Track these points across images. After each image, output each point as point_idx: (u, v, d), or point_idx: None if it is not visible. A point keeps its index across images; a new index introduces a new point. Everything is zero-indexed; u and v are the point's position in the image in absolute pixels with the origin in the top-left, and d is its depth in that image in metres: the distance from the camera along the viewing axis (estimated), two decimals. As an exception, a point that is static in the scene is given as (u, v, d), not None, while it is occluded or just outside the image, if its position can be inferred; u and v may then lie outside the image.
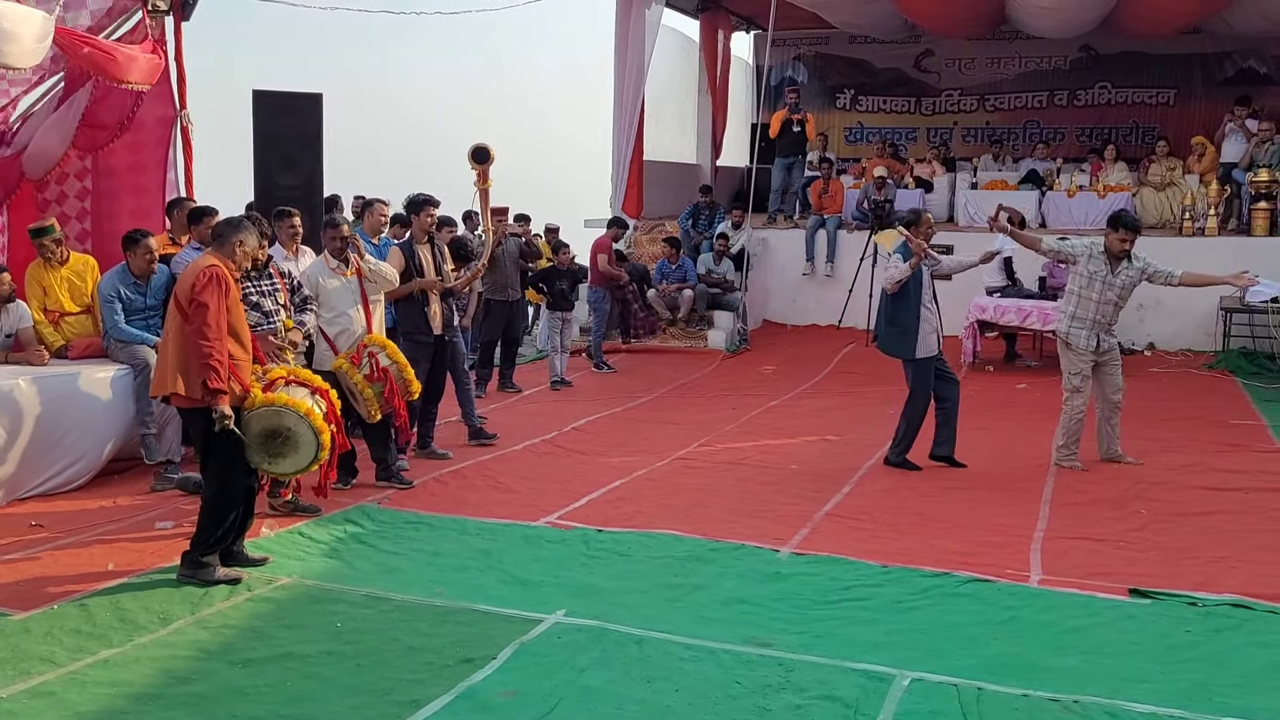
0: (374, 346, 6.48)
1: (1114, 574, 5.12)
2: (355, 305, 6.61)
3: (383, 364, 6.44)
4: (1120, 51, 16.99)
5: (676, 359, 12.18)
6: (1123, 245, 6.84)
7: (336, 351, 6.50)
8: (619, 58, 14.42)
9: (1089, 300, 6.95)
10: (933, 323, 7.15)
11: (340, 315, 6.56)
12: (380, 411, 6.49)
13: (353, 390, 6.41)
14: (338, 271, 6.60)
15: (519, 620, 4.54)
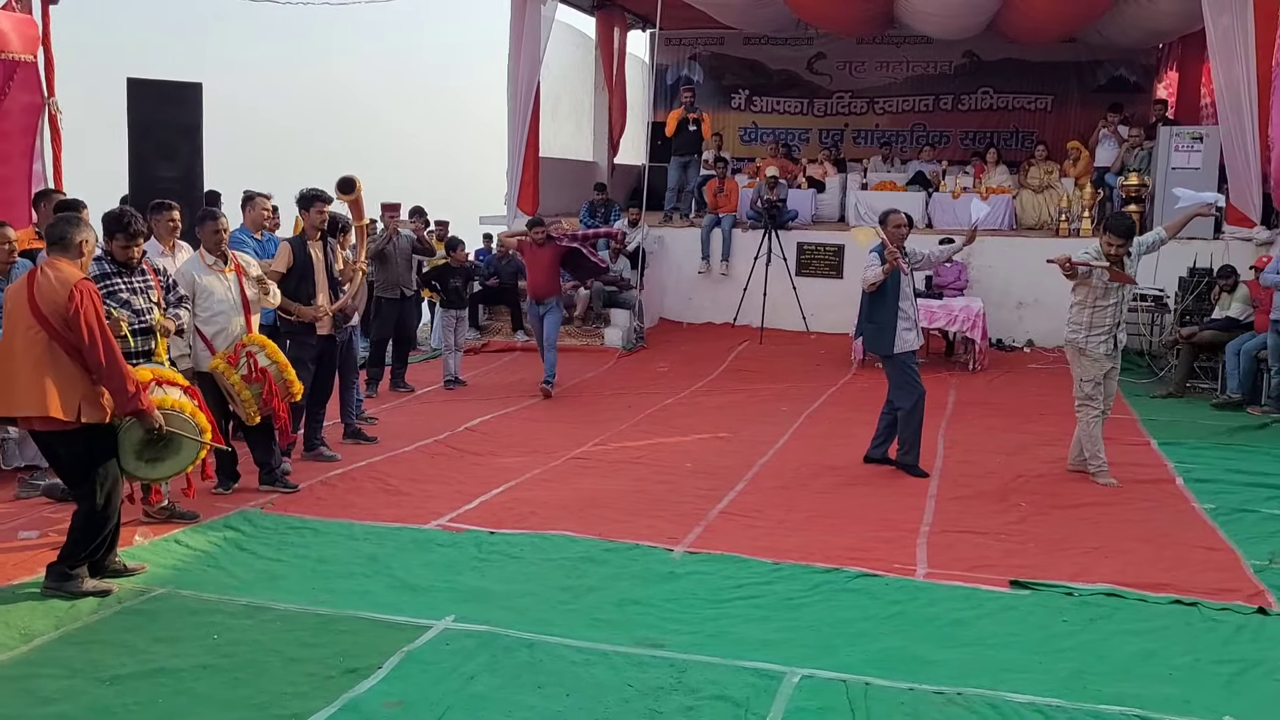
0: (252, 346, 6.25)
1: (996, 566, 5.26)
2: (234, 303, 6.35)
3: (261, 364, 6.21)
4: (1001, 58, 17.61)
5: (572, 357, 12.09)
6: (1113, 250, 6.66)
7: (213, 351, 6.25)
8: (513, 53, 14.27)
9: (1104, 308, 6.77)
10: (911, 318, 7.17)
11: (218, 314, 6.27)
12: (259, 413, 6.27)
13: (230, 391, 6.18)
14: (215, 268, 6.33)
15: (406, 627, 4.43)
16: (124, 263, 5.37)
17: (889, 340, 7.15)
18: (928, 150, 16.32)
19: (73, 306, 4.52)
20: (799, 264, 13.47)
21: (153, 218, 6.50)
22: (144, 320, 5.51)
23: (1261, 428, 8.54)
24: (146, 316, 5.53)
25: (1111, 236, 6.64)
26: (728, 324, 13.64)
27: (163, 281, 5.75)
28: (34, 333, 4.57)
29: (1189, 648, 4.26)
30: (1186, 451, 7.63)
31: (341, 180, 7.14)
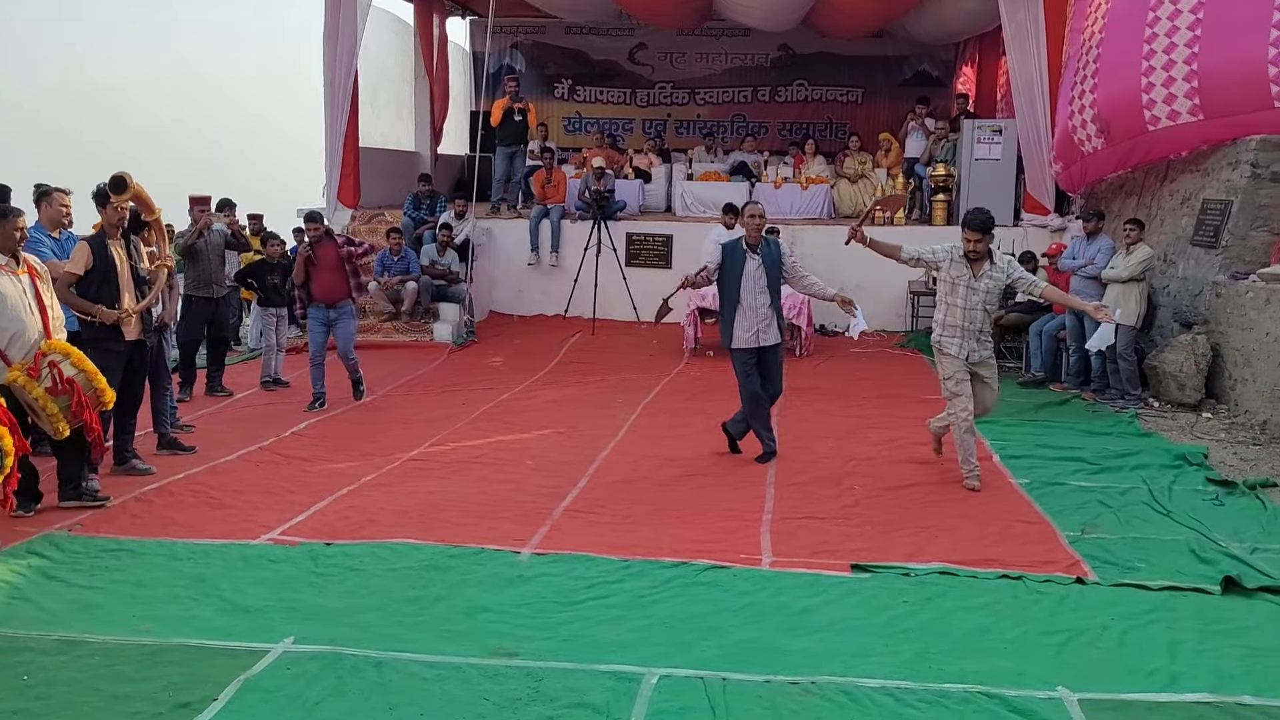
0: (55, 355, 5.74)
1: (836, 550, 5.41)
2: (29, 308, 5.79)
3: (67, 374, 5.72)
4: (815, 52, 18.21)
5: (401, 354, 11.77)
6: (969, 245, 6.43)
7: (9, 363, 5.70)
8: (329, 39, 13.69)
9: (955, 307, 6.56)
10: (753, 317, 7.14)
11: (11, 320, 5.70)
12: (69, 426, 5.78)
13: (33, 406, 5.67)
14: (6, 269, 5.77)
15: (241, 653, 4.17)
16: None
17: (726, 334, 7.26)
18: (749, 141, 16.69)
19: None
20: (628, 254, 13.53)
21: None
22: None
23: (1063, 403, 9.14)
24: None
25: (968, 231, 6.47)
26: (559, 315, 13.58)
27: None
28: None
29: (1019, 620, 4.50)
30: (1000, 429, 8.07)
31: (112, 180, 6.56)
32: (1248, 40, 9.01)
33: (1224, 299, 8.79)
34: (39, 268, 5.95)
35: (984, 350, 6.64)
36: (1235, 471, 6.93)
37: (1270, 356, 7.96)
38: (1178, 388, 8.82)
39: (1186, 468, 6.97)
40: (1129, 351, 9.05)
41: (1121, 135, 10.29)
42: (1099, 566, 5.15)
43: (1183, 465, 7.02)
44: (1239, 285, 8.59)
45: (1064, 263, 9.85)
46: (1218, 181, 9.57)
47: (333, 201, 14.08)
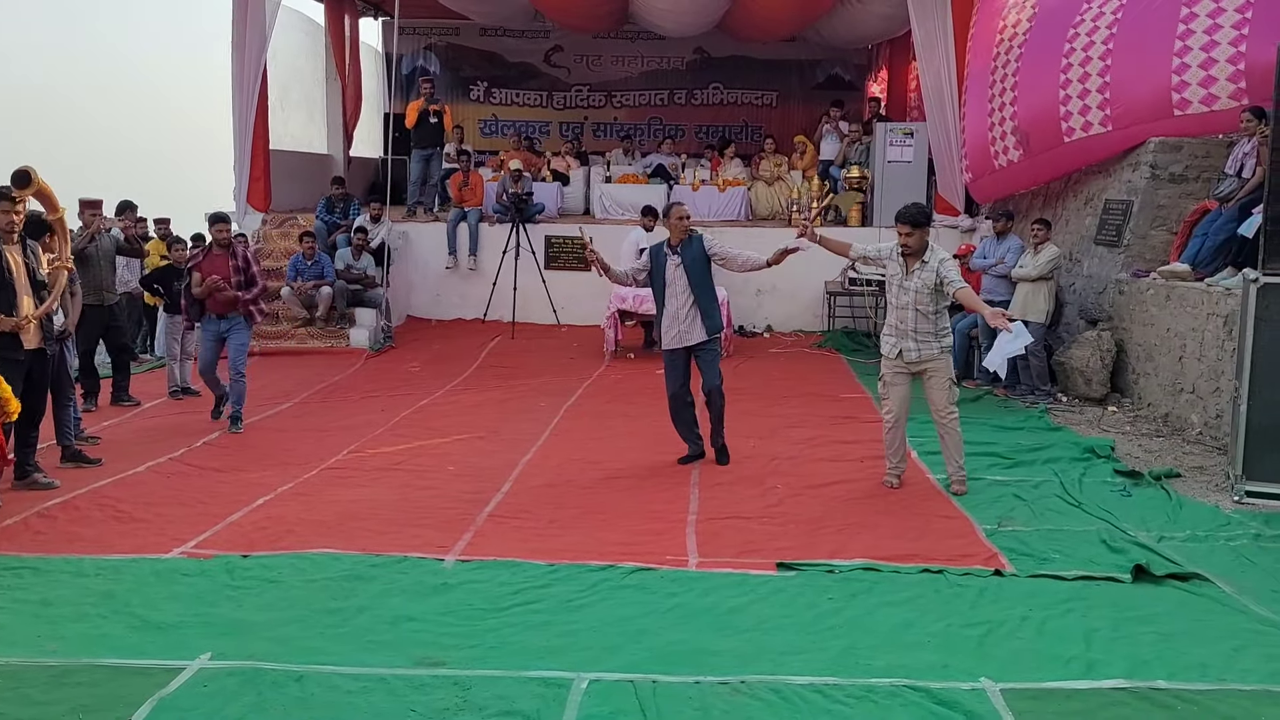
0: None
1: (762, 549, 5.45)
2: None
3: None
4: (730, 55, 18.38)
5: (316, 361, 11.53)
6: (900, 240, 6.35)
7: None
8: (236, 39, 13.34)
9: (892, 306, 6.51)
10: (675, 319, 7.09)
11: None
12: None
13: None
14: None
15: (155, 671, 4.01)
16: None
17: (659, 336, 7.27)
18: (667, 143, 16.76)
19: None
20: (547, 257, 13.46)
21: None
22: None
23: (976, 400, 9.34)
24: None
25: (898, 225, 6.40)
26: (478, 319, 13.44)
27: None
28: None
29: (941, 614, 4.57)
30: (917, 426, 8.13)
31: (15, 174, 6.32)
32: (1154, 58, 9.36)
33: (1127, 296, 9.10)
34: None
35: (925, 349, 6.39)
36: (1141, 463, 7.17)
37: (1170, 351, 8.26)
38: (1085, 383, 9.09)
39: (1095, 460, 7.19)
40: (1039, 348, 9.31)
41: (1040, 147, 10.58)
42: (1016, 559, 5.27)
43: (1091, 458, 7.24)
44: (1140, 283, 8.90)
45: (975, 262, 10.08)
46: (1119, 182, 9.91)
47: (242, 204, 13.74)
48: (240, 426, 8.33)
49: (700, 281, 7.11)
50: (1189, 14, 9.20)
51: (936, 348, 6.40)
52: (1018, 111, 10.78)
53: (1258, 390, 6.23)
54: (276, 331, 12.15)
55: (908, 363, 6.48)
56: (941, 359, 6.45)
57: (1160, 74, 9.34)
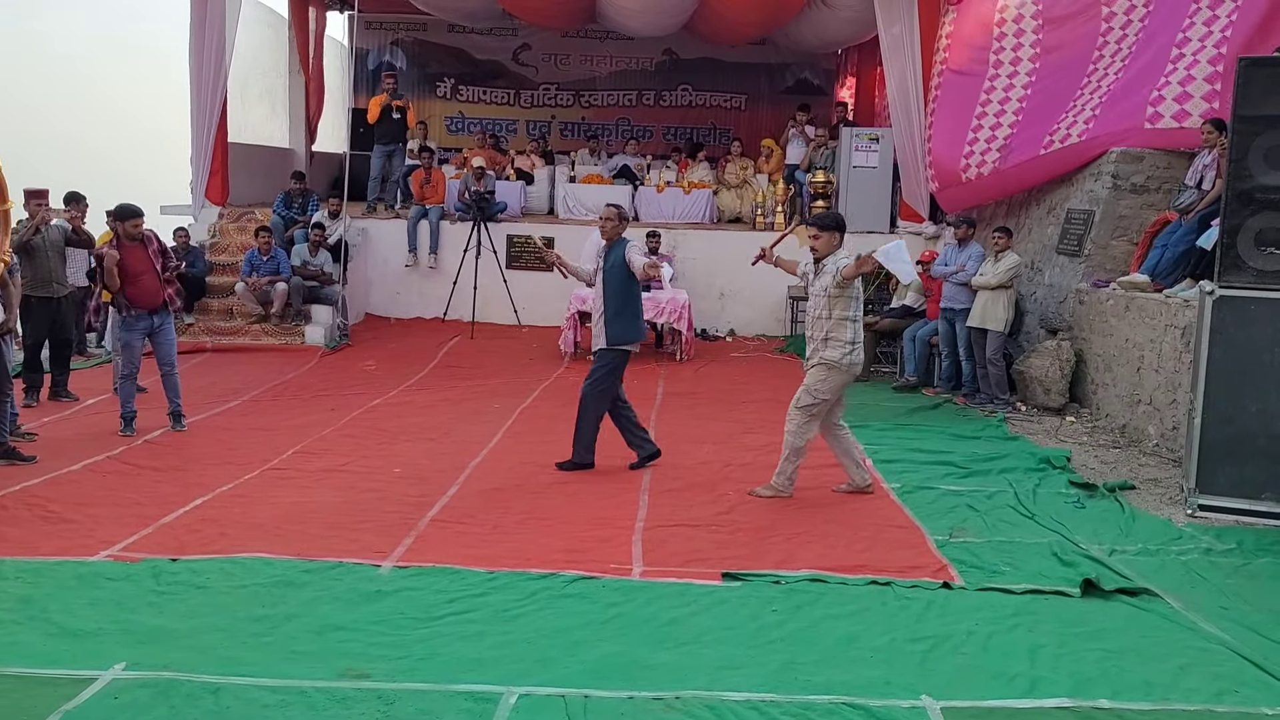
0: None
1: (708, 559, 5.32)
2: None
3: None
4: (699, 57, 18.30)
5: (270, 357, 11.30)
6: (813, 243, 6.33)
7: None
8: (196, 30, 13.11)
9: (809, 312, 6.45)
10: (598, 320, 7.07)
11: None
12: None
13: None
14: None
15: (64, 682, 3.83)
16: None
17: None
18: (633, 144, 16.64)
19: None
20: (509, 256, 13.30)
21: None
22: None
23: (935, 407, 9.30)
24: None
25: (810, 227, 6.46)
26: (438, 319, 13.26)
27: None
28: None
29: (887, 628, 4.47)
30: (873, 433, 8.14)
31: None
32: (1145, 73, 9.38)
33: (1087, 306, 9.07)
34: None
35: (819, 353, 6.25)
36: (1096, 474, 7.12)
37: (1129, 362, 8.23)
38: (1043, 392, 9.06)
39: (1050, 471, 7.13)
40: (998, 357, 9.26)
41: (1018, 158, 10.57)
42: (966, 571, 5.18)
43: (1047, 469, 7.17)
44: (1100, 293, 8.87)
45: (936, 269, 10.03)
46: (1081, 192, 9.89)
47: (199, 198, 13.50)
48: (183, 424, 8.09)
49: (615, 289, 6.95)
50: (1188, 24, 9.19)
51: (818, 356, 6.24)
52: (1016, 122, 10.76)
53: (1212, 403, 6.19)
54: (230, 328, 11.92)
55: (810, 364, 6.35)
56: (815, 369, 6.26)
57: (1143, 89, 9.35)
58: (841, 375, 6.27)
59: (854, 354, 6.25)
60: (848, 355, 6.22)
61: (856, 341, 6.27)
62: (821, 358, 6.25)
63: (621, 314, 6.99)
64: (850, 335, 6.24)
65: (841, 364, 6.22)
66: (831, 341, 6.23)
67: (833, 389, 6.30)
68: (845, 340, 6.23)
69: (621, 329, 7.00)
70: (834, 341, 6.23)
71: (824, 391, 6.28)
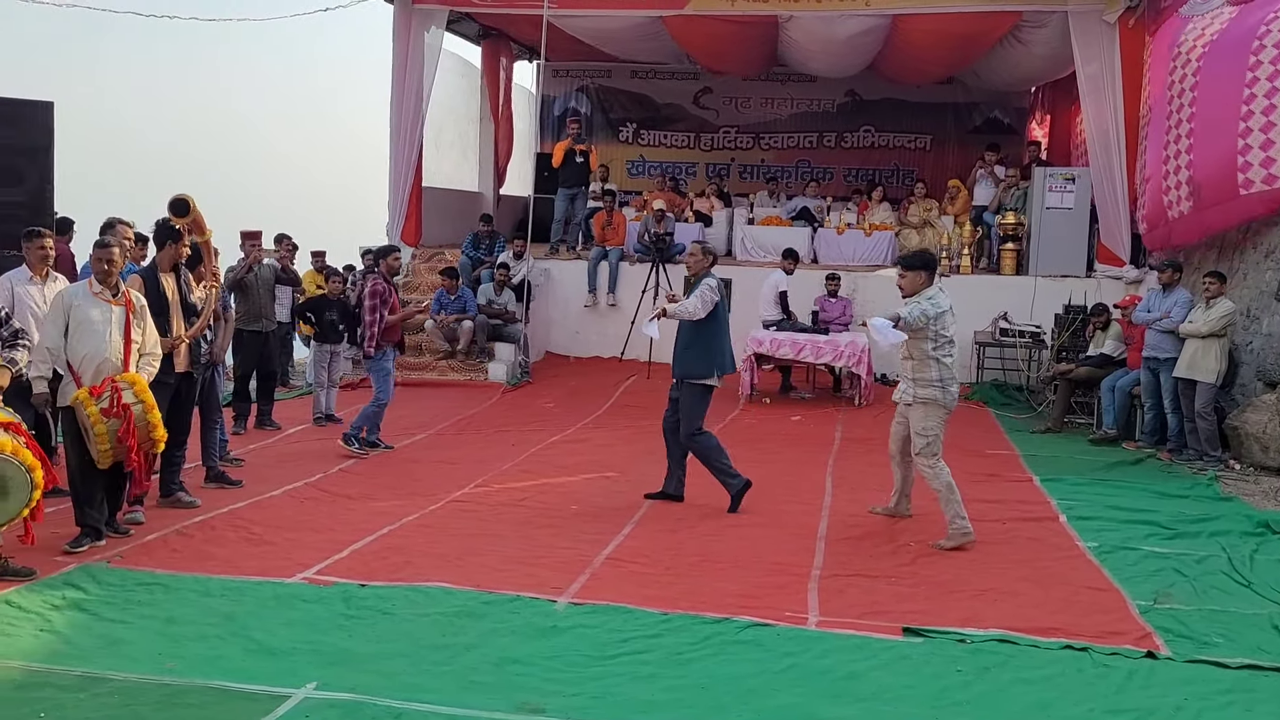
0: (121, 382, 5.78)
1: (888, 612, 5.13)
2: (112, 337, 5.87)
3: (125, 399, 5.73)
4: (882, 98, 18.02)
5: (454, 393, 11.73)
6: (899, 281, 6.58)
7: (79, 384, 5.78)
8: (397, 80, 13.90)
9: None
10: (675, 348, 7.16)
11: (90, 345, 5.82)
12: (111, 456, 5.75)
13: (85, 425, 5.67)
14: (101, 298, 5.87)
15: (262, 697, 4.03)
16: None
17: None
18: (813, 186, 16.52)
19: None
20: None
21: (25, 245, 6.53)
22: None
23: (1136, 463, 8.73)
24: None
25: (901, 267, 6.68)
26: (615, 358, 13.45)
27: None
28: None
29: (1082, 697, 4.17)
30: (1067, 488, 7.71)
31: (174, 202, 6.63)
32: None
33: (1310, 357, 8.33)
34: (137, 303, 6.04)
35: (900, 394, 6.57)
36: (1323, 541, 6.49)
37: (1361, 419, 7.49)
38: (1261, 450, 8.36)
39: (1270, 536, 6.54)
40: (1208, 410, 8.62)
41: (1212, 200, 9.90)
42: (1172, 640, 4.80)
43: (1266, 533, 6.59)
44: (1327, 343, 8.14)
45: (1138, 315, 9.46)
46: (1304, 234, 9.14)
47: (395, 239, 14.19)
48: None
49: (682, 324, 7.05)
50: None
51: (909, 394, 6.41)
52: (1193, 161, 10.10)
53: None
54: (419, 363, 12.45)
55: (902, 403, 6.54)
56: (914, 409, 6.38)
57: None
58: (941, 410, 6.38)
59: (946, 390, 6.34)
60: (940, 392, 6.33)
61: (945, 379, 6.34)
62: (916, 396, 6.38)
63: (691, 348, 7.06)
64: (936, 374, 6.32)
65: (937, 400, 6.33)
66: (919, 381, 6.37)
67: (939, 423, 6.39)
68: (932, 379, 6.32)
69: (688, 363, 7.07)
70: (921, 381, 6.36)
71: (932, 428, 6.37)
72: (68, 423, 5.89)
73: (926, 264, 6.56)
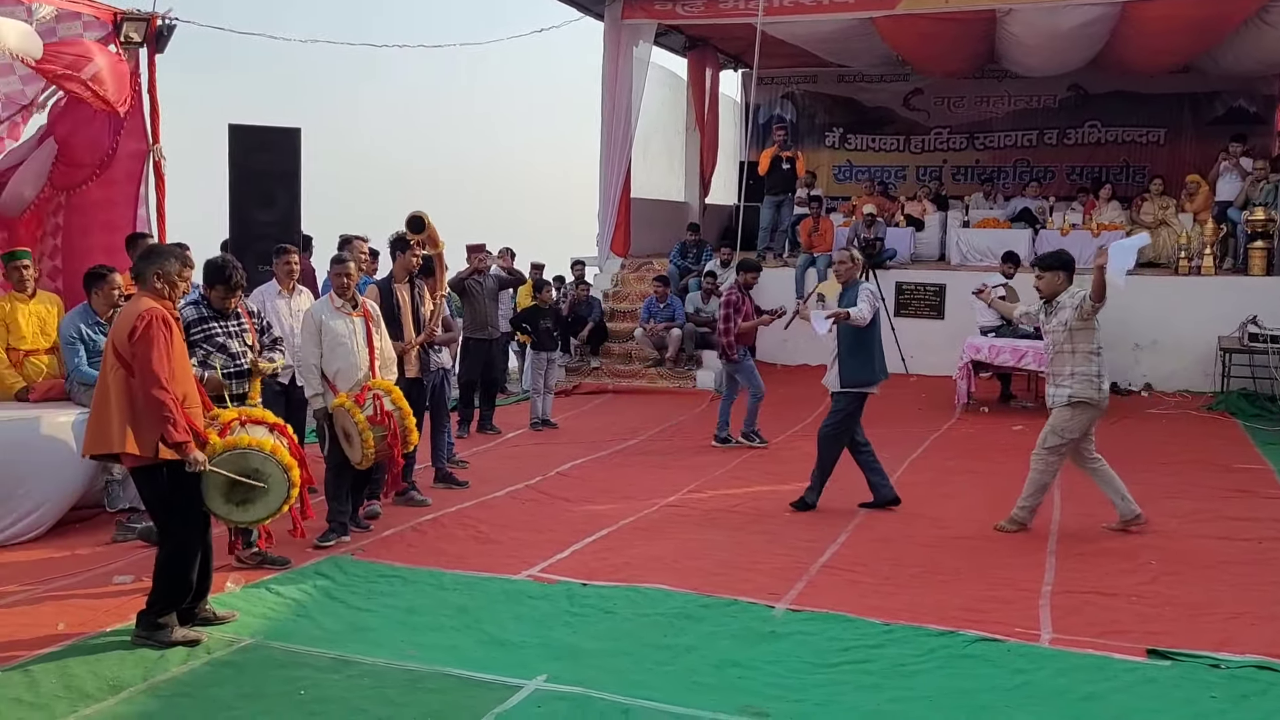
0: (379, 390, 6.21)
1: (1129, 632, 4.83)
2: (359, 347, 6.32)
3: (387, 408, 6.15)
4: (1109, 91, 16.99)
5: (664, 400, 11.90)
6: (1037, 283, 6.49)
7: (336, 392, 6.23)
8: (607, 95, 14.28)
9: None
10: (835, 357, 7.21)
11: (340, 356, 6.27)
12: (374, 459, 6.17)
13: (349, 431, 6.11)
14: (342, 311, 6.35)
15: (496, 687, 4.22)
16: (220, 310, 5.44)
17: None
18: (1033, 186, 15.78)
19: (134, 334, 4.47)
20: (898, 304, 13.07)
21: (274, 261, 7.03)
22: (239, 364, 5.50)
23: None
24: (242, 360, 5.52)
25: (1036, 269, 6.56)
26: (824, 366, 13.18)
27: (257, 324, 5.75)
28: (115, 370, 4.56)
29: (1359, 732, 3.80)
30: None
31: (411, 219, 7.06)
32: None
33: None
34: (373, 312, 6.50)
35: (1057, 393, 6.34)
36: None
37: None
38: None
39: None
40: None
41: None
42: None
43: None
44: None
45: None
46: None
47: (604, 251, 14.57)
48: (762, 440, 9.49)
49: (845, 330, 6.99)
50: None
51: (1065, 393, 6.25)
52: None
53: None
54: (628, 370, 12.72)
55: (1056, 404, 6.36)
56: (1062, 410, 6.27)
57: None
58: (1092, 411, 6.29)
59: (1102, 387, 6.25)
60: (1097, 390, 6.23)
61: (1103, 374, 6.27)
62: (1071, 395, 6.23)
63: (855, 354, 7.01)
64: (1096, 369, 6.24)
65: (1092, 400, 6.23)
66: (1079, 376, 6.23)
67: (1081, 426, 6.31)
68: (1092, 374, 6.23)
69: (853, 370, 7.03)
70: (1080, 376, 6.23)
71: (1073, 430, 6.30)
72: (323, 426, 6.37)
73: (1065, 264, 6.50)
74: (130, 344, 4.49)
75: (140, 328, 4.49)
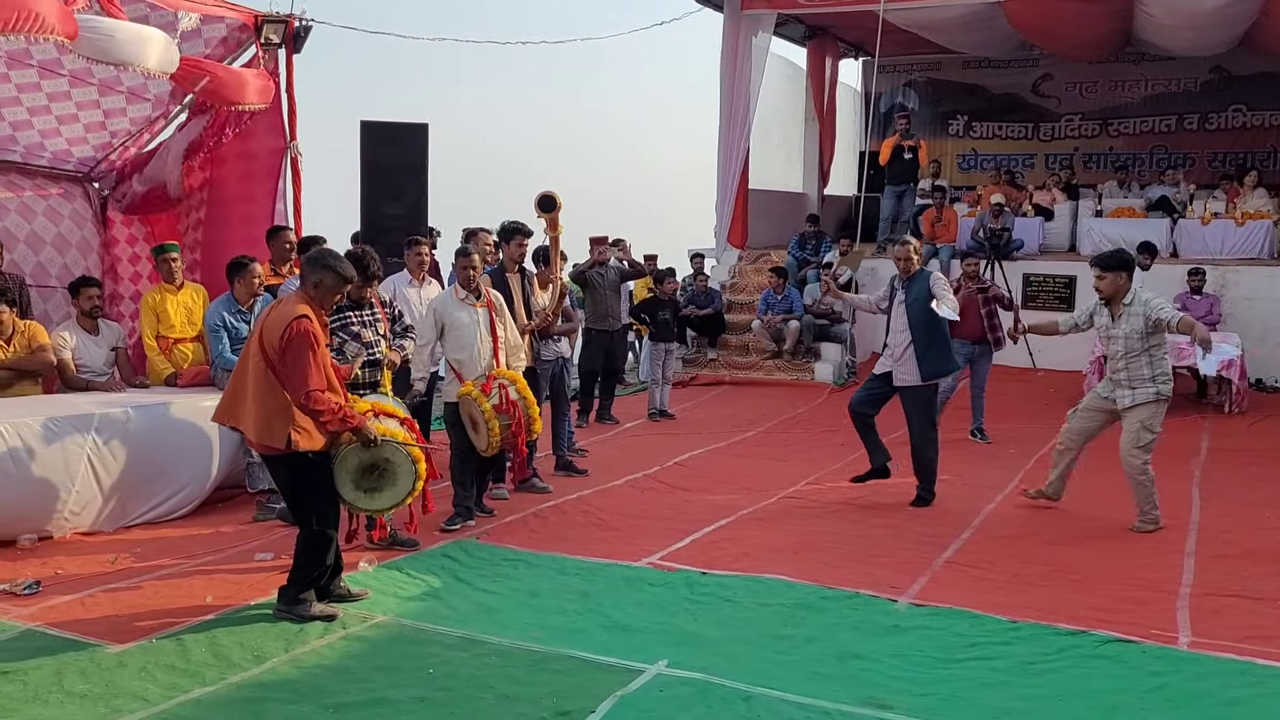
0: (504, 379, 6.36)
1: (1276, 638, 4.61)
2: (483, 337, 6.49)
3: (512, 397, 6.31)
4: (1256, 73, 16.10)
5: (782, 392, 11.84)
6: (1097, 284, 6.41)
7: (462, 380, 6.41)
8: (726, 86, 14.25)
9: (1109, 356, 6.56)
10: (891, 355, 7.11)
11: (464, 346, 6.45)
12: (499, 446, 6.32)
13: (475, 419, 6.27)
14: (466, 302, 6.52)
15: (619, 670, 4.29)
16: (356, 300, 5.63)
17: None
18: (1171, 173, 15.11)
19: (287, 341, 4.64)
20: (1025, 296, 12.70)
21: (406, 252, 7.26)
22: (372, 353, 5.71)
23: None
24: (375, 349, 5.72)
25: (1092, 268, 6.54)
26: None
27: (389, 313, 5.95)
28: (257, 360, 4.74)
29: None
30: None
31: (542, 197, 7.11)
32: None
33: None
34: (497, 302, 6.66)
35: (1138, 394, 6.33)
36: None
37: None
38: None
39: None
40: None
41: None
42: None
43: None
44: None
45: None
46: None
47: (722, 242, 14.55)
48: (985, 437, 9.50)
49: (920, 321, 6.87)
50: None
51: (1150, 392, 6.29)
52: None
53: None
54: (746, 363, 12.69)
55: (1120, 409, 6.40)
56: (1144, 407, 6.30)
57: None
58: (1165, 404, 6.38)
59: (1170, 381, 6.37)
60: (1169, 384, 6.35)
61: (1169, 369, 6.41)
62: (1158, 393, 6.29)
63: (933, 346, 6.94)
64: (1168, 365, 6.38)
65: (1165, 394, 6.34)
66: (1160, 376, 6.30)
67: (1161, 419, 6.39)
68: (1169, 370, 6.38)
69: (933, 363, 6.96)
70: (1162, 376, 6.31)
71: (1157, 424, 6.36)
72: (450, 414, 6.53)
73: (1126, 264, 6.46)
74: (280, 345, 4.64)
75: (292, 336, 4.61)
